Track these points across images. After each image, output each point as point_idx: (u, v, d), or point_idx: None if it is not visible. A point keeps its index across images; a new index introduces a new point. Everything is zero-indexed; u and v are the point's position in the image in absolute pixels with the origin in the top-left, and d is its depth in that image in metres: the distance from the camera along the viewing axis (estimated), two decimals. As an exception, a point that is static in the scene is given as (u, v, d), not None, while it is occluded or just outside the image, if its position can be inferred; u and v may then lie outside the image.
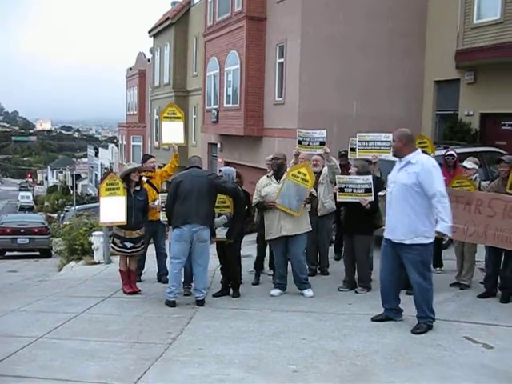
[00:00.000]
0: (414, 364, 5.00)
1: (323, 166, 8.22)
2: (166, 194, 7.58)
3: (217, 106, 20.03)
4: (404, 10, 15.63)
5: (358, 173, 7.45)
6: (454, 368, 4.91)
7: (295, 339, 5.67)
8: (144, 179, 8.16)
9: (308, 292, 7.37)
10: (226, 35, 19.11)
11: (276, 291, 7.49)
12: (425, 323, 5.79)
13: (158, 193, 8.15)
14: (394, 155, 5.99)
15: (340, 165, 8.86)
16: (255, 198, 7.52)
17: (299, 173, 7.27)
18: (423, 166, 5.64)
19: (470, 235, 7.00)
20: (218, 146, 21.51)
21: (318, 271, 8.38)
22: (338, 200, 7.50)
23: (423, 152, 7.33)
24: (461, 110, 14.91)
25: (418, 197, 5.61)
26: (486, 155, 10.64)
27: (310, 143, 7.91)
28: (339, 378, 4.73)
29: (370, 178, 7.29)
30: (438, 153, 9.69)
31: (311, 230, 7.56)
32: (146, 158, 8.76)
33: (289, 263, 7.58)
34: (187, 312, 6.85)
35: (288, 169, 7.47)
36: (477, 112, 14.45)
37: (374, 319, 6.15)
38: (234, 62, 18.39)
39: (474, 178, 7.67)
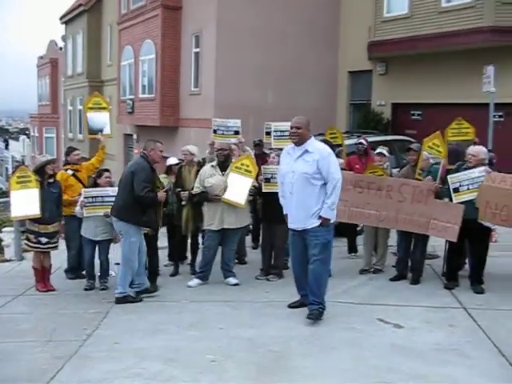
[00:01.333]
0: (329, 347, 5.14)
1: (238, 155, 8.22)
2: (90, 189, 7.39)
3: (132, 97, 19.63)
4: (319, 2, 15.89)
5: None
6: (367, 349, 5.09)
7: (213, 329, 5.67)
8: (69, 172, 7.86)
9: (233, 279, 7.40)
10: (140, 24, 18.73)
11: (194, 282, 7.44)
12: (317, 309, 5.80)
13: (84, 187, 7.84)
14: (296, 143, 5.80)
15: (255, 154, 8.92)
16: (197, 187, 7.41)
17: (242, 165, 7.28)
18: (321, 153, 5.72)
19: (382, 220, 7.23)
20: (134, 136, 21.10)
21: (236, 260, 8.40)
22: (263, 190, 7.48)
23: (334, 144, 7.57)
24: (373, 100, 15.40)
25: (318, 184, 5.68)
26: (396, 143, 11.05)
27: (225, 132, 7.90)
28: (256, 365, 4.79)
29: None
30: (351, 141, 9.99)
31: (251, 222, 7.64)
32: (69, 150, 8.36)
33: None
34: (103, 307, 6.68)
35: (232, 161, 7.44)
36: (388, 102, 14.99)
37: (290, 306, 6.24)
38: (149, 51, 18.06)
39: (385, 166, 7.93)
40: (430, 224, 6.97)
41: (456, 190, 6.78)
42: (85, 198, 7.36)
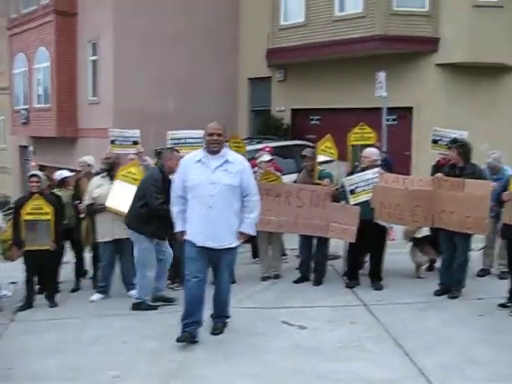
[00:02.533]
0: (235, 354, 5.12)
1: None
2: None
3: (27, 107, 18.77)
4: (218, 9, 15.97)
5: None
6: (273, 352, 5.13)
7: (115, 343, 5.50)
8: None
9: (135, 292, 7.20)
10: (33, 30, 17.94)
11: (95, 296, 7.20)
12: (222, 322, 5.64)
13: None
14: (215, 152, 5.23)
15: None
16: (87, 199, 7.15)
17: (129, 172, 7.07)
18: (243, 164, 5.31)
19: (282, 225, 7.34)
20: (31, 148, 20.16)
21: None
22: None
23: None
24: (273, 106, 15.69)
25: (239, 197, 5.25)
26: (296, 148, 11.27)
27: (123, 142, 7.75)
28: (158, 378, 4.69)
29: None
30: (252, 147, 10.10)
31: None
32: None
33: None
34: (-3, 329, 6.31)
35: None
36: (288, 108, 15.31)
37: (178, 339, 5.35)
38: (43, 58, 17.37)
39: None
40: (329, 227, 7.16)
41: (352, 192, 7.01)
42: None
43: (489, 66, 12.65)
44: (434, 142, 7.76)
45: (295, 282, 7.47)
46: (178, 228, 5.41)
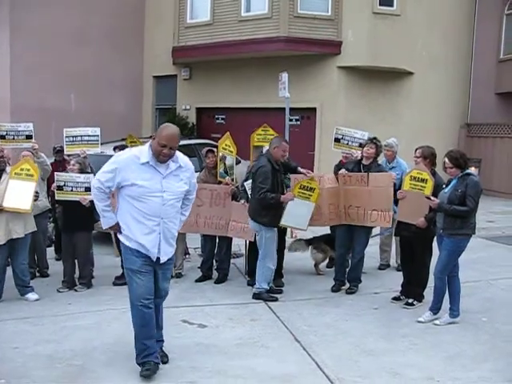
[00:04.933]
0: (133, 354, 5.03)
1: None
2: None
3: None
4: (123, 6, 15.64)
5: (81, 171, 7.21)
6: (171, 351, 5.06)
7: (6, 349, 5.22)
8: None
9: (32, 295, 6.89)
10: None
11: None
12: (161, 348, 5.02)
13: None
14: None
15: (56, 161, 8.51)
16: None
17: (22, 170, 6.72)
18: (191, 168, 4.77)
19: (182, 225, 7.27)
20: None
21: (38, 274, 7.90)
22: (56, 198, 7.13)
23: None
24: (179, 105, 15.60)
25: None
26: (200, 147, 11.24)
27: (15, 137, 7.40)
28: (56, 382, 4.53)
29: (91, 176, 7.09)
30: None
31: (36, 229, 7.10)
32: None
33: None
34: None
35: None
36: (193, 106, 15.29)
37: (142, 374, 4.66)
38: None
39: None
40: (229, 226, 7.22)
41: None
42: None
43: (387, 70, 13.25)
44: (337, 140, 7.97)
45: (197, 280, 7.46)
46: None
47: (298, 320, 6.02)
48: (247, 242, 7.49)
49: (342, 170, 7.02)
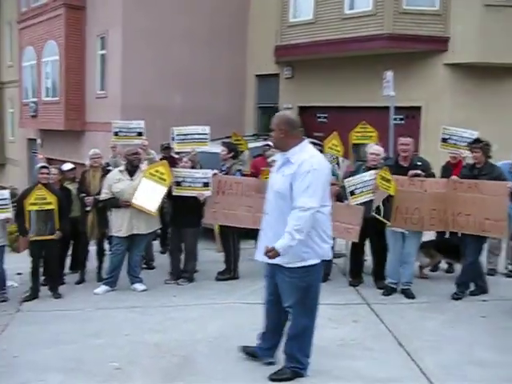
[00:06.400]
0: (236, 350, 5.11)
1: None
2: None
3: (35, 99, 18.84)
4: (226, 5, 15.94)
5: (193, 168, 7.44)
6: (273, 348, 5.11)
7: (117, 336, 5.53)
8: None
9: (140, 286, 7.25)
10: (42, 23, 18.02)
11: (101, 289, 7.22)
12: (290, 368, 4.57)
13: None
14: (277, 149, 4.62)
15: (163, 157, 8.82)
16: (105, 193, 7.16)
17: (157, 171, 7.08)
18: (300, 166, 4.21)
19: None
20: (38, 141, 20.27)
21: (144, 265, 8.25)
22: (174, 193, 7.37)
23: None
24: (280, 103, 15.64)
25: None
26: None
27: (127, 134, 7.73)
28: (162, 370, 4.72)
29: (209, 172, 7.31)
30: (258, 144, 10.09)
31: (160, 227, 7.49)
32: None
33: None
34: (3, 319, 6.33)
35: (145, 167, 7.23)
36: (295, 105, 15.26)
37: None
38: (52, 52, 17.42)
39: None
40: (333, 226, 7.12)
41: (352, 193, 6.93)
42: None
43: (498, 67, 12.58)
44: (444, 140, 7.70)
45: None
46: None
47: (401, 324, 5.86)
48: (349, 243, 7.39)
49: (454, 177, 6.74)
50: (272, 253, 4.19)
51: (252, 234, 8.29)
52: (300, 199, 4.16)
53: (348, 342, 5.36)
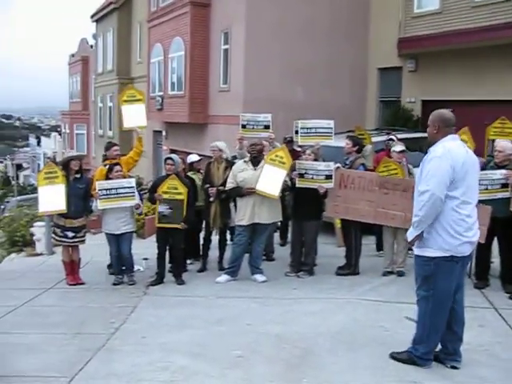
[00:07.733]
0: (357, 345, 5.09)
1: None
2: (103, 182, 7.40)
3: (161, 93, 19.74)
4: (349, -2, 15.77)
5: (315, 161, 7.47)
6: (394, 347, 4.98)
7: (240, 325, 5.67)
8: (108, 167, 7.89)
9: (260, 277, 7.39)
10: (170, 21, 18.81)
11: (223, 278, 7.45)
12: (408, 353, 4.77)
13: None
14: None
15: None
16: (231, 183, 7.41)
17: (277, 156, 7.26)
18: (428, 156, 4.47)
19: (409, 221, 7.10)
20: (163, 133, 21.25)
21: (264, 257, 8.40)
22: (297, 185, 7.44)
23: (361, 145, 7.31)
24: (403, 97, 15.20)
25: None
26: (424, 141, 10.85)
27: (255, 127, 7.88)
28: (284, 361, 4.77)
29: (331, 164, 7.33)
30: (380, 138, 9.89)
31: (281, 219, 7.62)
32: (109, 146, 8.33)
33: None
34: (131, 301, 6.75)
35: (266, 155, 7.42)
36: (418, 99, 14.76)
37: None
38: (178, 48, 18.14)
39: (400, 161, 7.69)
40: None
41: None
42: (99, 190, 7.39)
43: None
44: None
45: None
46: None
47: (533, 332, 5.52)
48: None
49: None
50: None
51: (373, 230, 8.20)
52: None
53: (474, 347, 5.11)
